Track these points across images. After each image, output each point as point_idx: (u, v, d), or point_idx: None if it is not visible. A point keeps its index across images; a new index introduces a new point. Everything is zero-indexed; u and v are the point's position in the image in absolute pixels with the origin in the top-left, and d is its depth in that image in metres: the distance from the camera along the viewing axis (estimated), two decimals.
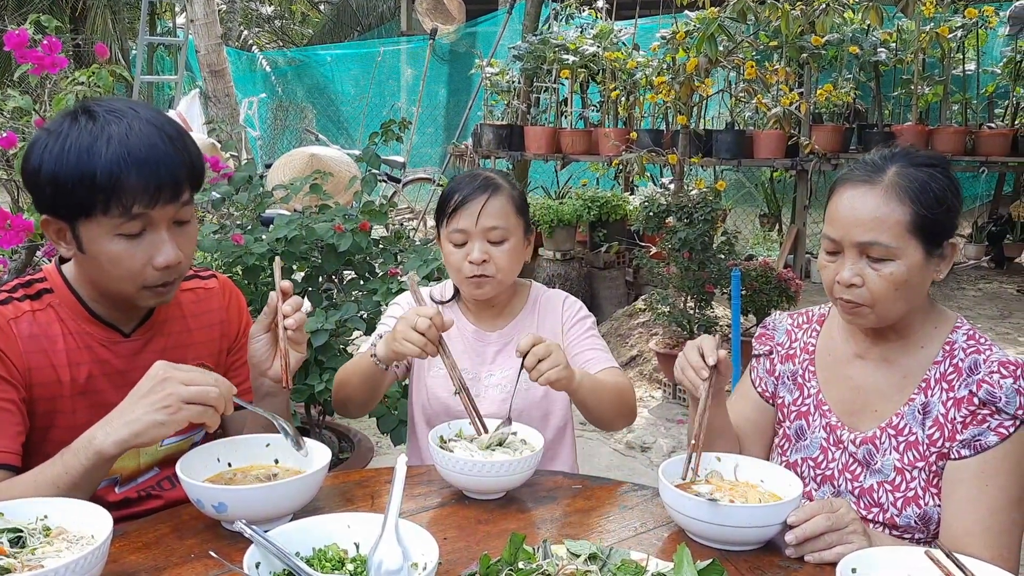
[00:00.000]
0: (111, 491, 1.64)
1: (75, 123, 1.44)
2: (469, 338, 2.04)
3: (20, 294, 1.57)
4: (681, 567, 1.23)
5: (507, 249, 1.92)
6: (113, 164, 1.40)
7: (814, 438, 1.71)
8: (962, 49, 7.42)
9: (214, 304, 1.78)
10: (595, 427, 2.04)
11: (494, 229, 1.90)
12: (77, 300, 1.59)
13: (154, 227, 1.48)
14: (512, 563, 1.25)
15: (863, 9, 5.39)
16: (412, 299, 1.91)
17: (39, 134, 1.48)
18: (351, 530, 1.32)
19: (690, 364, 1.60)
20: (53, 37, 2.50)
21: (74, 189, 1.41)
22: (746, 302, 4.83)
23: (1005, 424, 1.49)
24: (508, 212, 1.93)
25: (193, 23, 9.60)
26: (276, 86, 14.68)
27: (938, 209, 1.52)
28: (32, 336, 1.53)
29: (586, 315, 2.06)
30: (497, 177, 1.96)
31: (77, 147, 1.41)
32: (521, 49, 7.29)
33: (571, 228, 6.44)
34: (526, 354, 1.67)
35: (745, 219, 9.67)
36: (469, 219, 1.89)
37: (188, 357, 1.69)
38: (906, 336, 1.62)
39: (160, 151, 1.44)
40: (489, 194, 1.90)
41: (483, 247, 1.90)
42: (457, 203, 1.91)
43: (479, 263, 1.89)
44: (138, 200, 1.42)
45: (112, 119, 1.44)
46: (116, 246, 1.46)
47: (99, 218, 1.44)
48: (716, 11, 4.83)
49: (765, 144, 6.55)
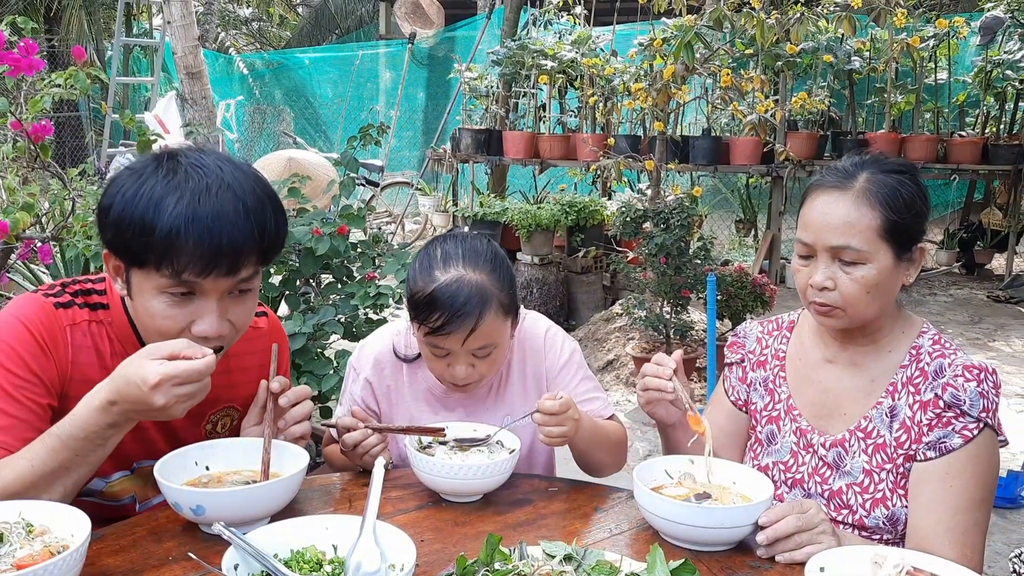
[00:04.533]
0: (133, 509, 1.65)
1: (157, 170, 1.39)
2: (439, 396, 1.86)
3: (81, 301, 1.53)
4: (654, 567, 1.25)
5: (495, 358, 1.73)
6: (175, 225, 1.34)
7: (784, 442, 1.74)
8: (934, 58, 7.54)
9: (258, 346, 1.70)
10: (583, 471, 1.89)
11: (483, 347, 1.69)
12: (129, 323, 1.54)
13: (204, 295, 1.42)
14: (488, 564, 1.27)
15: (837, 19, 5.47)
16: (363, 366, 1.85)
17: (122, 172, 1.43)
18: (329, 532, 1.33)
19: (651, 375, 1.65)
20: (29, 39, 2.48)
21: (133, 238, 1.36)
22: (722, 307, 4.89)
23: (969, 427, 1.53)
24: (498, 324, 1.69)
25: (170, 24, 9.51)
26: (254, 88, 14.60)
27: (907, 214, 1.56)
28: (83, 347, 1.50)
29: (571, 352, 1.89)
30: (486, 280, 1.67)
31: (148, 196, 1.36)
32: (500, 54, 7.33)
33: (549, 233, 6.47)
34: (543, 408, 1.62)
35: (721, 225, 9.75)
36: (455, 342, 1.66)
37: (222, 399, 1.67)
38: (875, 340, 1.66)
39: (228, 221, 1.36)
40: (479, 316, 1.63)
41: (468, 361, 1.70)
42: (439, 323, 1.64)
43: (463, 379, 1.72)
44: (191, 267, 1.36)
45: (193, 174, 1.38)
46: (159, 304, 1.41)
47: (151, 272, 1.38)
48: (693, 19, 4.89)
49: (741, 150, 6.63)
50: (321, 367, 2.93)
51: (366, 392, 1.87)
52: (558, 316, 6.27)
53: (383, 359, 1.88)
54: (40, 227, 2.96)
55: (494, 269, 1.70)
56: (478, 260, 1.69)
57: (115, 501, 1.63)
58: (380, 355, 1.88)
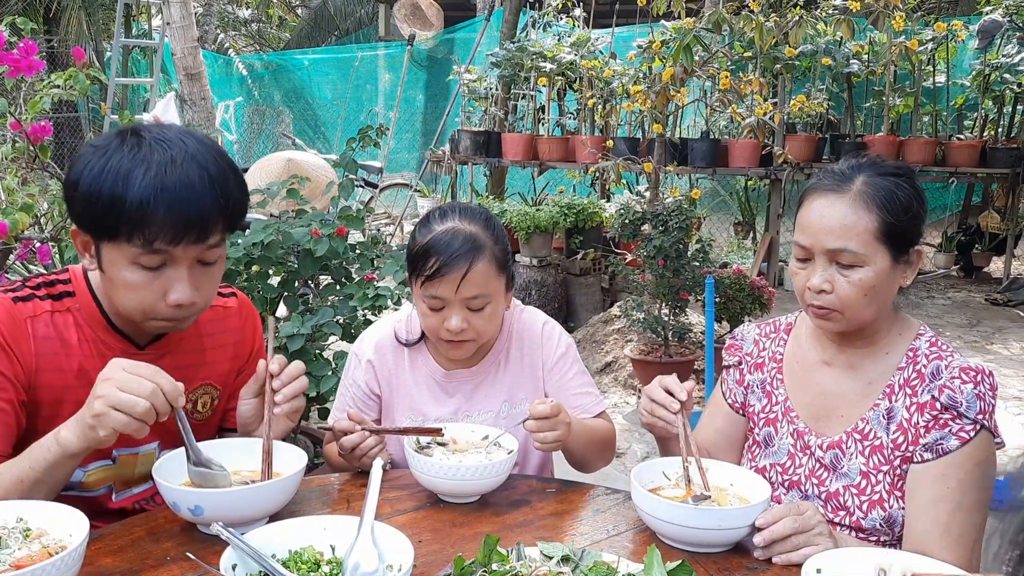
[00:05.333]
0: (108, 499, 1.65)
1: (121, 145, 1.43)
2: (440, 381, 1.90)
3: (43, 292, 1.56)
4: (651, 568, 1.25)
5: (488, 314, 1.77)
6: (144, 196, 1.38)
7: (782, 444, 1.74)
8: (932, 62, 7.55)
9: (231, 324, 1.76)
10: (572, 467, 1.93)
11: (476, 298, 1.73)
12: (98, 308, 1.57)
13: (175, 264, 1.46)
14: (486, 565, 1.27)
15: (835, 22, 5.49)
16: (364, 350, 1.87)
17: (86, 149, 1.46)
18: (327, 532, 1.33)
19: (659, 403, 1.63)
20: (29, 40, 2.49)
21: (104, 211, 1.40)
22: (720, 309, 4.89)
23: (966, 428, 1.53)
24: (491, 275, 1.75)
25: (169, 26, 9.53)
26: (253, 90, 14.61)
27: (904, 217, 1.56)
28: (46, 338, 1.52)
29: (567, 345, 1.93)
30: (479, 232, 1.75)
31: (116, 170, 1.39)
32: (499, 56, 7.33)
33: (548, 235, 6.47)
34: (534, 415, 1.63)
35: (719, 227, 9.76)
36: (448, 288, 1.71)
37: (198, 377, 1.69)
38: (872, 343, 1.66)
39: (195, 191, 1.41)
40: (471, 260, 1.70)
41: (463, 314, 1.74)
42: (434, 269, 1.70)
43: (458, 332, 1.76)
44: (162, 236, 1.40)
45: (157, 147, 1.42)
46: (133, 275, 1.45)
47: (122, 244, 1.42)
48: (692, 22, 4.89)
49: (739, 153, 6.63)
50: (319, 368, 2.93)
51: (369, 375, 1.90)
52: (556, 318, 6.23)
53: (385, 343, 1.92)
54: (39, 228, 2.96)
55: (487, 225, 1.78)
56: (473, 216, 1.79)
57: (89, 492, 1.62)
58: (382, 340, 1.92)
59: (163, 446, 1.66)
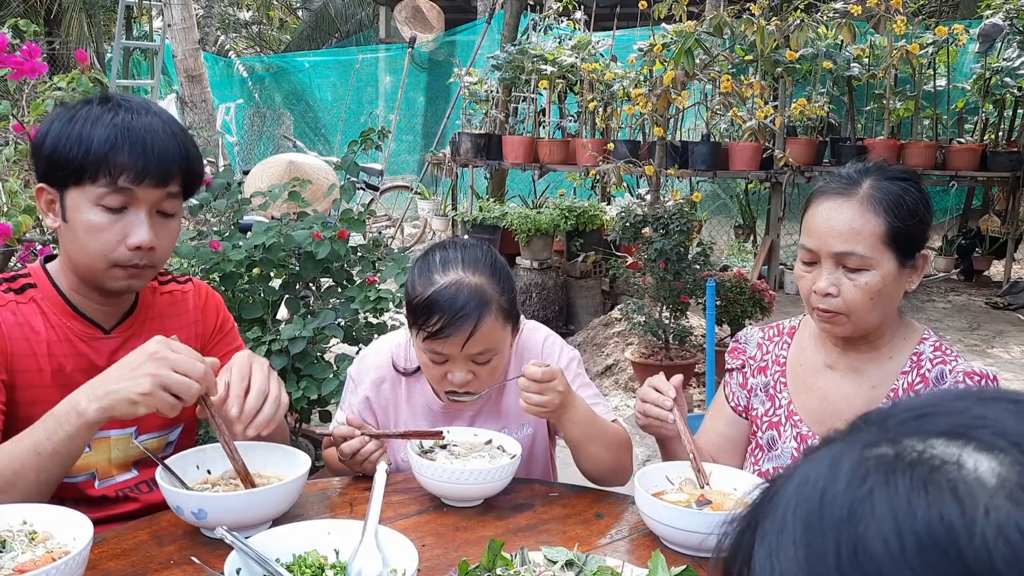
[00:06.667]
0: (91, 486, 1.65)
1: (89, 105, 1.53)
2: (438, 411, 1.83)
3: (4, 287, 1.60)
4: (656, 573, 1.25)
5: (494, 365, 1.70)
6: (110, 136, 1.47)
7: (785, 448, 1.74)
8: (933, 65, 7.55)
9: (189, 305, 1.80)
10: (590, 480, 1.80)
11: (482, 353, 1.65)
12: (60, 295, 1.61)
13: (136, 206, 1.51)
14: (490, 569, 1.27)
15: (836, 25, 5.49)
16: (362, 380, 1.83)
17: (54, 112, 1.56)
18: (331, 536, 1.33)
19: (651, 402, 1.64)
20: (32, 42, 2.49)
21: (69, 154, 1.47)
22: (721, 312, 4.89)
23: None
24: (497, 328, 1.65)
25: (170, 28, 9.54)
26: (253, 92, 14.61)
27: (911, 221, 1.56)
28: (16, 324, 1.56)
29: (569, 359, 1.86)
30: (485, 283, 1.64)
31: (83, 121, 1.49)
32: (500, 59, 7.34)
33: (548, 237, 6.47)
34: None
35: (720, 230, 9.76)
36: (453, 346, 1.62)
37: None
38: (876, 347, 1.66)
39: (158, 137, 1.51)
40: (478, 318, 1.60)
41: (468, 367, 1.67)
42: (437, 327, 1.60)
43: (462, 385, 1.69)
44: (126, 173, 1.48)
45: (124, 107, 1.52)
46: (96, 216, 1.50)
47: (86, 186, 1.49)
48: (693, 25, 4.90)
49: (740, 156, 6.64)
50: (321, 371, 2.93)
51: (364, 408, 1.86)
52: (557, 321, 6.27)
53: (382, 374, 1.87)
54: (40, 230, 2.96)
55: (494, 274, 1.67)
56: (477, 265, 1.67)
57: (70, 478, 1.60)
58: (379, 370, 1.87)
59: (140, 431, 1.66)
